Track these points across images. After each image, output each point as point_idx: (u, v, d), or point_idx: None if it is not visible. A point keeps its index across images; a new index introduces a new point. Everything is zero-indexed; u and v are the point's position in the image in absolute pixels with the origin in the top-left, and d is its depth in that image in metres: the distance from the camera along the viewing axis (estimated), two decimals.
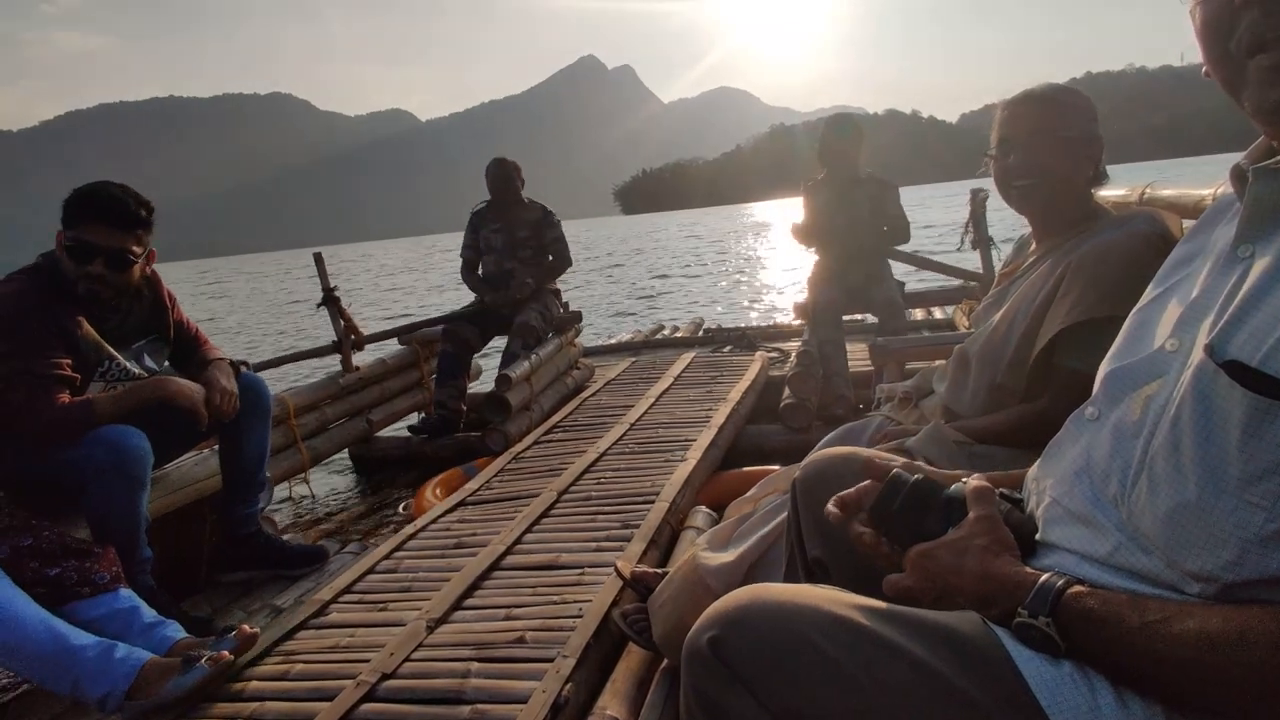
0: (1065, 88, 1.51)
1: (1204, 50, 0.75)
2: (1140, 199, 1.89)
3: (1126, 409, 0.77)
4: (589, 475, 2.91)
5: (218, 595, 2.53)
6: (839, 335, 3.91)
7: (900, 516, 0.91)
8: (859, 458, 1.20)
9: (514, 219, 4.54)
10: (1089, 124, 1.48)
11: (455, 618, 1.95)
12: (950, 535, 0.85)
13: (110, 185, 2.21)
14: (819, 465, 1.23)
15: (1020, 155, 1.50)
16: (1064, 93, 1.50)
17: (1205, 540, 0.67)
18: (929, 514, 0.89)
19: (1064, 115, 1.48)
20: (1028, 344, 1.48)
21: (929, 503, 0.90)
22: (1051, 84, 1.52)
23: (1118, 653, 0.69)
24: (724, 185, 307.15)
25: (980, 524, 0.83)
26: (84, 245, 2.15)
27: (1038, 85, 1.52)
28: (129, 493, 2.09)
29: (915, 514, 0.90)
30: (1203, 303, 0.75)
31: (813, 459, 1.27)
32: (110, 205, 2.17)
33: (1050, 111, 1.48)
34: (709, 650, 0.79)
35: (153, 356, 2.42)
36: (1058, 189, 1.51)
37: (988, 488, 0.87)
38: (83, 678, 1.61)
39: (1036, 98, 1.50)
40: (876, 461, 1.01)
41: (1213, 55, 0.74)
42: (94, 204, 2.16)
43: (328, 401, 4.05)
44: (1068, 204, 1.53)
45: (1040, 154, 1.48)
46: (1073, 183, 1.50)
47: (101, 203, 2.17)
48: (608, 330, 10.01)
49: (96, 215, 2.16)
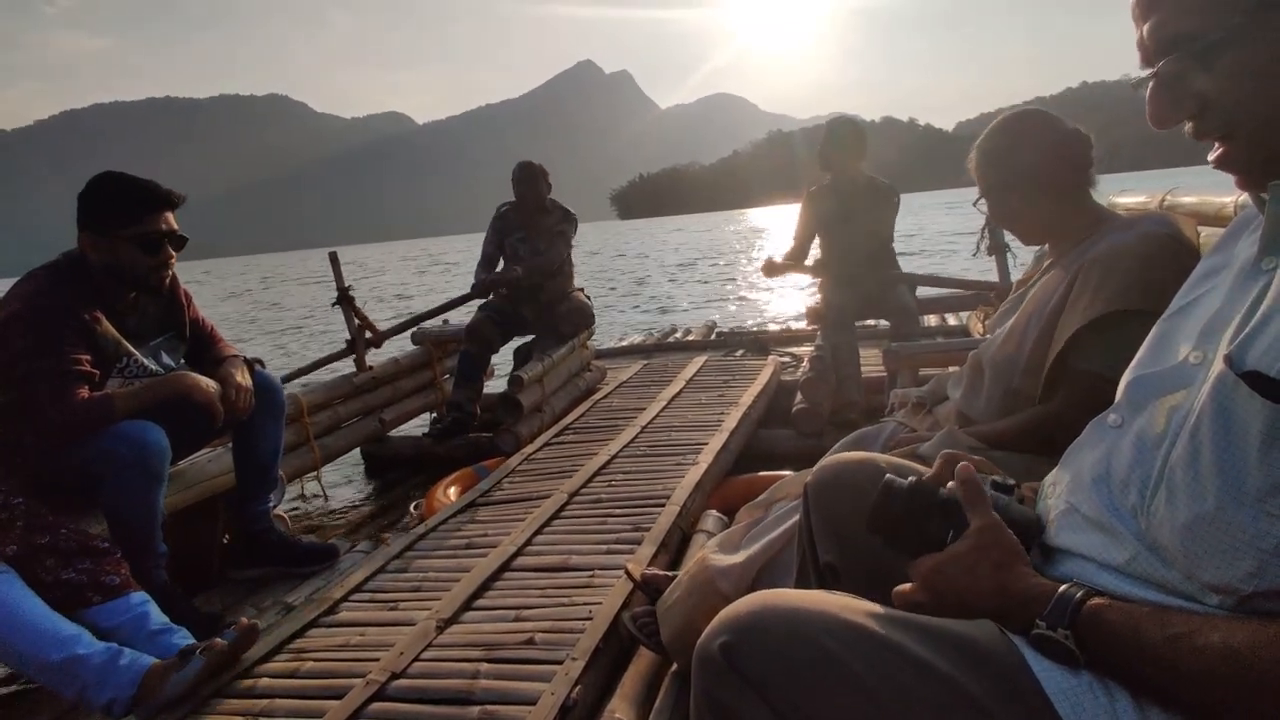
0: (993, 127, 1.55)
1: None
2: (1160, 206, 1.87)
3: (1150, 418, 0.77)
4: (600, 477, 2.90)
5: (229, 591, 2.55)
6: (852, 340, 3.89)
7: (901, 524, 0.90)
8: (873, 463, 1.19)
9: (537, 228, 4.42)
10: (1006, 164, 1.52)
11: (465, 618, 1.95)
12: (957, 548, 0.83)
13: (135, 177, 2.26)
14: (832, 470, 1.23)
15: (990, 206, 1.60)
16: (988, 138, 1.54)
17: (1224, 552, 0.66)
18: (930, 519, 0.88)
19: (988, 167, 1.54)
20: (1041, 349, 1.47)
21: (928, 508, 0.88)
22: (1002, 119, 1.56)
23: (1139, 666, 0.68)
24: (721, 191, 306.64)
25: (985, 535, 0.82)
26: (158, 235, 2.24)
27: (989, 126, 1.55)
28: (147, 488, 2.11)
29: (915, 520, 0.89)
30: (1225, 315, 0.75)
31: (826, 463, 1.26)
32: (158, 192, 2.25)
33: (994, 163, 1.54)
34: (721, 656, 0.78)
35: (169, 354, 2.44)
36: (1029, 226, 1.58)
37: (976, 485, 0.86)
38: (89, 685, 1.63)
39: (982, 152, 1.55)
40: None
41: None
42: (150, 194, 2.24)
43: (340, 400, 4.07)
44: (1054, 226, 1.56)
45: (994, 208, 1.59)
46: (1034, 216, 1.55)
47: (155, 192, 2.25)
48: (614, 323, 10.00)
49: (158, 204, 2.24)
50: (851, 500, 1.13)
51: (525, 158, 4.54)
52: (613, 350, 6.18)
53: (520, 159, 4.55)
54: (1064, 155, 1.49)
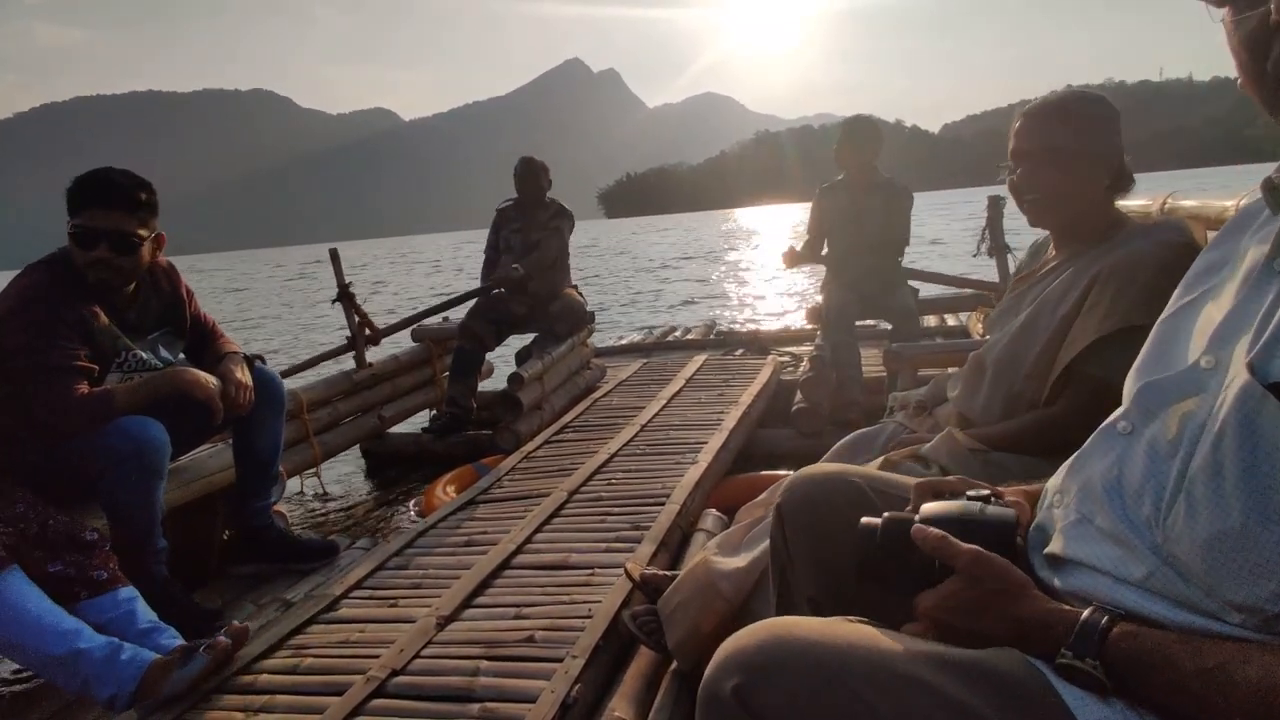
0: (1084, 95, 1.46)
1: (1239, 66, 0.73)
2: (1162, 209, 1.87)
3: (1162, 425, 0.74)
4: (600, 476, 2.91)
5: (229, 587, 2.55)
6: (852, 340, 3.89)
7: (885, 565, 0.86)
8: (843, 477, 1.13)
9: (533, 220, 4.49)
10: (1104, 135, 1.44)
11: (465, 615, 1.95)
12: (951, 587, 0.79)
13: (110, 170, 2.22)
14: (805, 489, 1.15)
15: (1028, 169, 1.48)
16: (1079, 102, 1.45)
17: (1249, 571, 0.64)
18: (911, 552, 0.84)
19: (1076, 130, 1.44)
20: (1049, 354, 1.45)
21: (905, 541, 0.84)
22: (1073, 91, 1.48)
23: (1171, 697, 0.66)
24: (708, 190, 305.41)
25: (973, 568, 0.78)
26: (87, 231, 2.15)
27: (1057, 92, 1.48)
28: (147, 483, 2.11)
29: (896, 558, 0.85)
30: (1238, 319, 0.73)
31: (796, 481, 1.18)
32: (108, 188, 2.17)
33: (1059, 127, 1.44)
34: (733, 699, 0.73)
35: (167, 348, 2.44)
36: (1068, 204, 1.48)
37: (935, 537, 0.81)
38: (91, 679, 1.63)
39: (1048, 111, 1.46)
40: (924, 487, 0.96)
41: (1249, 72, 0.73)
42: (93, 189, 2.16)
43: (340, 397, 4.07)
44: (1083, 215, 1.50)
45: (1046, 171, 1.46)
46: (1084, 197, 1.46)
47: (100, 187, 2.17)
48: (613, 321, 9.96)
49: (96, 199, 2.16)
50: (828, 525, 1.09)
51: (512, 156, 4.58)
52: (612, 349, 6.18)
53: (507, 157, 4.59)
54: (1118, 150, 1.46)
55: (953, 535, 0.82)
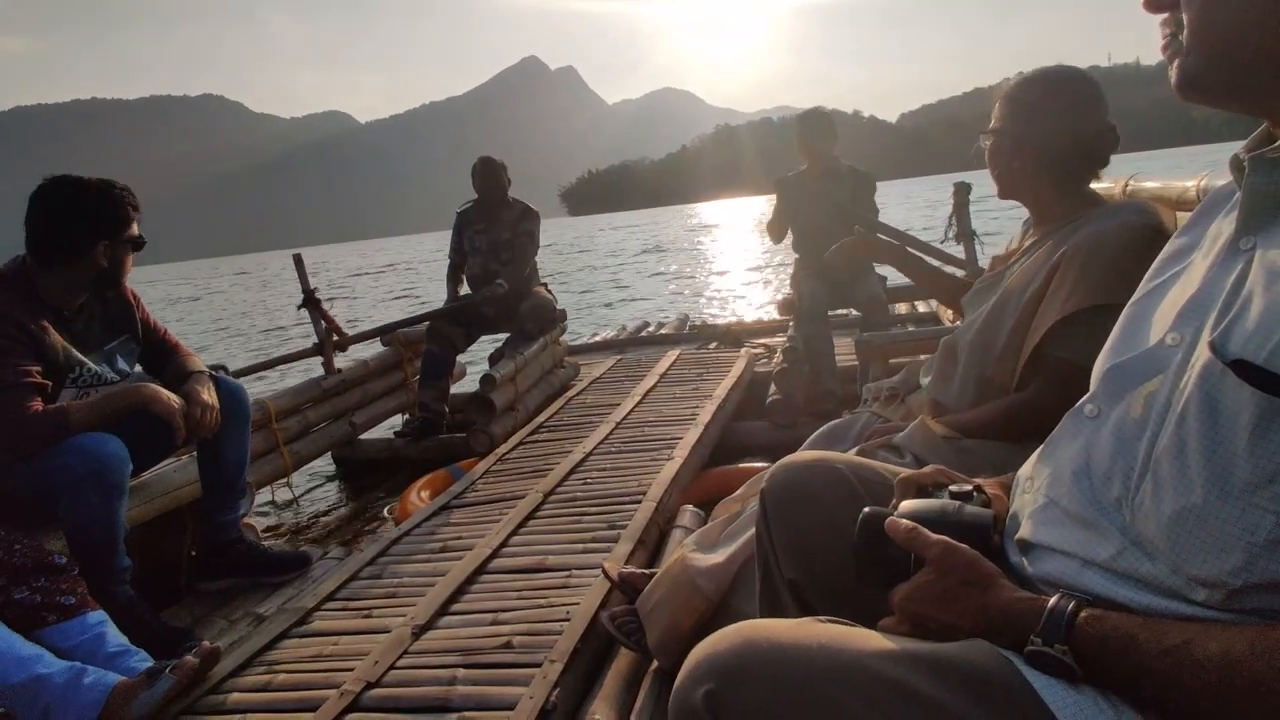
0: (1029, 79, 1.48)
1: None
2: (1124, 192, 1.88)
3: (1128, 407, 0.75)
4: (575, 475, 2.88)
5: (199, 604, 2.48)
6: (825, 330, 3.90)
7: (864, 559, 0.87)
8: (827, 464, 1.14)
9: (498, 220, 4.46)
10: (1038, 120, 1.45)
11: (441, 623, 1.92)
12: (922, 579, 0.80)
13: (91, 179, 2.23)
14: (788, 476, 1.16)
15: (992, 144, 1.53)
16: (1021, 86, 1.48)
17: (1212, 545, 0.65)
18: (887, 546, 0.85)
19: (1012, 114, 1.48)
20: (1018, 337, 1.45)
21: (882, 535, 0.85)
22: (1034, 71, 1.50)
23: (1138, 678, 0.67)
24: (670, 186, 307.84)
25: (943, 560, 0.79)
26: (140, 236, 2.30)
27: (1037, 71, 1.49)
28: (107, 501, 2.04)
29: (874, 551, 0.86)
30: (1204, 297, 0.73)
31: (780, 469, 1.19)
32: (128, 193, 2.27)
33: (1004, 109, 1.49)
34: (705, 707, 0.72)
35: (125, 358, 2.37)
36: (1018, 183, 1.52)
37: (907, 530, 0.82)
38: (52, 706, 1.57)
39: (1011, 96, 1.49)
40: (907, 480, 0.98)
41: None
42: (130, 198, 2.26)
43: (310, 405, 3.99)
44: (1039, 196, 1.52)
45: (995, 151, 1.52)
46: (1028, 177, 1.49)
47: (129, 195, 2.26)
48: (589, 319, 9.93)
49: (135, 206, 2.27)
50: (810, 509, 1.09)
51: (470, 156, 4.54)
52: (586, 346, 6.15)
53: (464, 157, 4.54)
54: (1084, 144, 1.44)
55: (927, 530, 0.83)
